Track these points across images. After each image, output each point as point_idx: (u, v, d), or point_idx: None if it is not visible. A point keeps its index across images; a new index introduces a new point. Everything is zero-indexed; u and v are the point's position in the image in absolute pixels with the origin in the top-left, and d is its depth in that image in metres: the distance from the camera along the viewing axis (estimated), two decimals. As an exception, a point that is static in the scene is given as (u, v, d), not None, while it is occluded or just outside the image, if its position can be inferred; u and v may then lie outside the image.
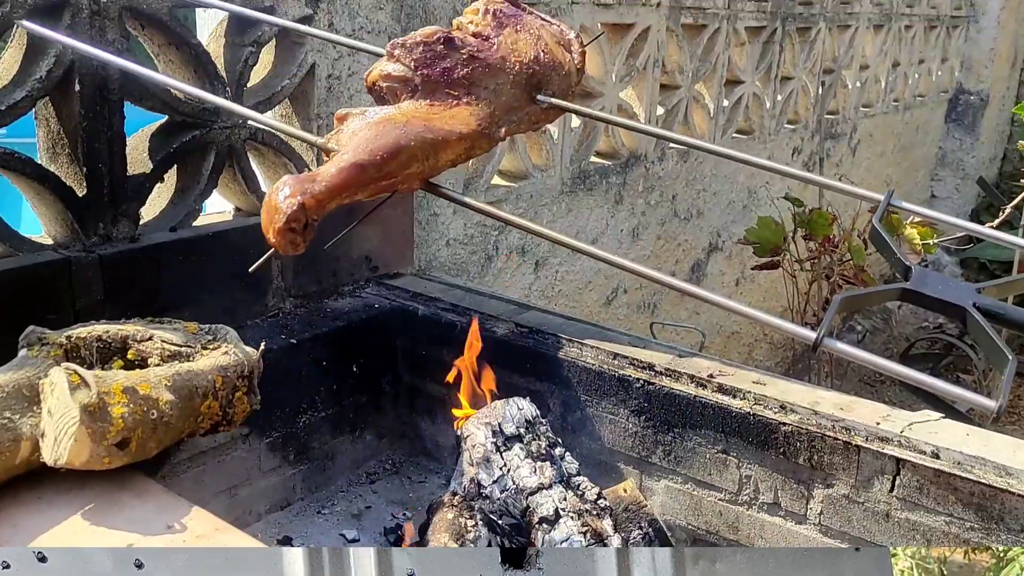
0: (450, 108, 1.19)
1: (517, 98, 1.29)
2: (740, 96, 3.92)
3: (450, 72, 1.18)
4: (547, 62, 1.25)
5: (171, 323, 1.49)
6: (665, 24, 3.29)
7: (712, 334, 4.18)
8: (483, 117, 1.23)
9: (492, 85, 1.23)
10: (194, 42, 1.89)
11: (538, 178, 2.92)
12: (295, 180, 1.04)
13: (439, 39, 1.17)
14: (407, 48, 1.18)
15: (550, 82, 1.28)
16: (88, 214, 1.80)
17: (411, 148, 1.13)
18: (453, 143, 1.18)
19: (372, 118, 1.19)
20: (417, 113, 1.19)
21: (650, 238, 3.56)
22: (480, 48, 1.20)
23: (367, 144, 1.10)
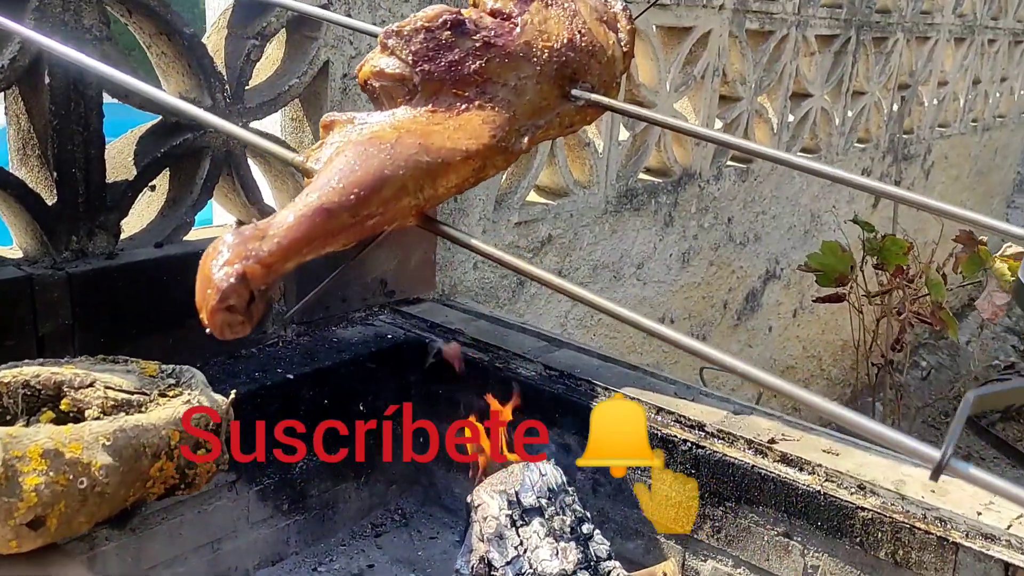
0: (456, 115, 0.93)
1: (545, 95, 0.99)
2: (807, 111, 3.60)
3: (458, 66, 0.91)
4: (585, 46, 0.96)
5: (126, 363, 1.25)
6: (728, 29, 3.00)
7: (765, 368, 3.85)
8: (500, 125, 0.95)
9: (513, 81, 0.95)
10: (187, 32, 1.66)
11: (579, 196, 2.65)
12: (237, 239, 0.78)
13: (445, 23, 0.90)
14: (403, 37, 0.92)
15: (588, 72, 0.98)
16: (58, 226, 1.57)
17: (400, 178, 0.86)
18: (458, 165, 0.91)
19: (357, 134, 0.92)
20: (413, 126, 0.92)
21: (702, 264, 3.27)
22: (498, 32, 0.92)
23: (340, 177, 0.84)
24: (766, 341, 3.81)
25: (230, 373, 1.73)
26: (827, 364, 4.38)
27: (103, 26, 1.55)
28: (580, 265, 2.73)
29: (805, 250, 3.86)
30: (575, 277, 2.72)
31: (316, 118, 1.95)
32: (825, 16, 3.52)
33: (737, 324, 3.59)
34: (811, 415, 4.11)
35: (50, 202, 1.56)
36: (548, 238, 2.58)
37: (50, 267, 1.56)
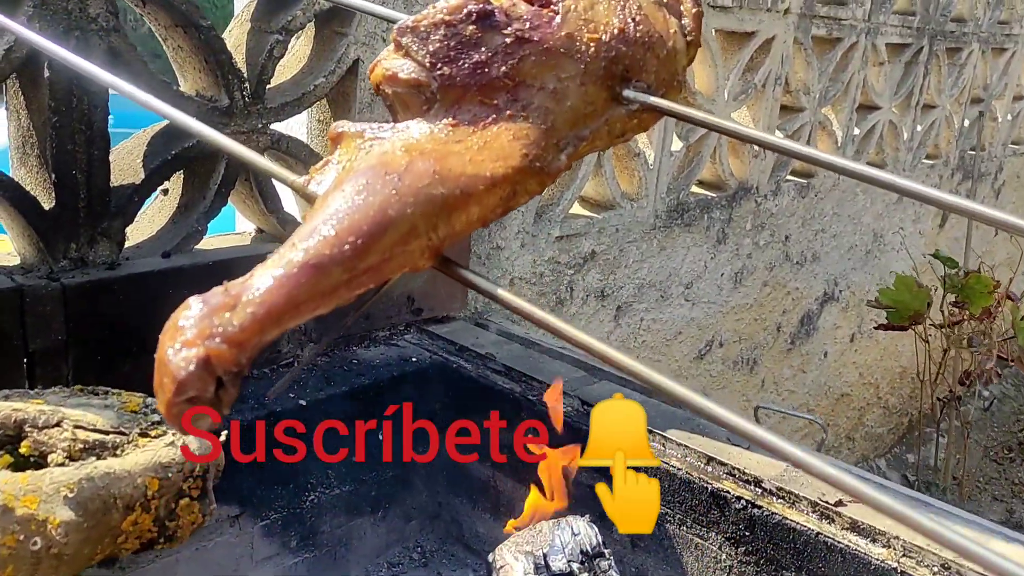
0: (482, 130, 0.76)
1: (591, 99, 0.79)
2: (874, 124, 3.38)
3: (485, 68, 0.74)
4: (640, 37, 0.77)
5: (105, 395, 1.11)
6: (793, 35, 2.80)
7: (819, 395, 3.65)
8: (534, 140, 0.78)
9: (552, 83, 0.77)
10: (204, 24, 1.52)
11: (627, 209, 2.47)
12: (202, 311, 0.62)
13: (469, 15, 0.73)
14: (419, 34, 0.75)
15: (644, 68, 0.78)
16: (56, 232, 1.44)
17: (408, 218, 0.69)
18: (481, 195, 0.74)
19: (363, 157, 0.76)
20: (427, 146, 0.75)
21: (755, 284, 3.07)
22: (535, 23, 0.74)
23: (334, 222, 0.67)
24: (821, 367, 3.59)
25: (239, 397, 1.59)
26: (884, 392, 4.14)
27: (111, 16, 1.41)
28: (625, 283, 2.56)
29: (866, 272, 3.63)
30: (619, 296, 2.55)
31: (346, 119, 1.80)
32: (897, 24, 3.29)
33: (791, 348, 3.38)
34: (882, 470, 3.87)
35: (47, 206, 1.43)
36: (591, 254, 2.41)
37: (44, 277, 1.42)
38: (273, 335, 0.66)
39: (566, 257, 2.34)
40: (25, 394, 1.06)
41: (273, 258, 0.69)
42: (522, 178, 0.77)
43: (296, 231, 0.70)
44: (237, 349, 0.62)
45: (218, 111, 1.58)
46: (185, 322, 0.62)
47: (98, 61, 1.41)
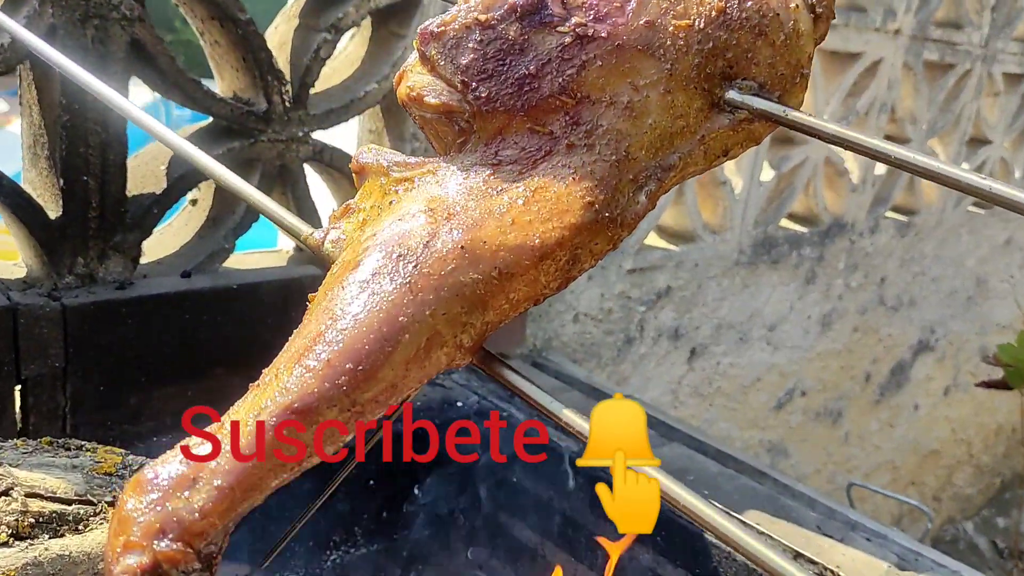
0: (531, 171, 0.56)
1: (680, 111, 0.55)
2: (984, 159, 3.08)
3: (535, 84, 0.54)
4: (748, 17, 0.54)
5: (77, 451, 0.93)
6: (902, 58, 2.53)
7: (906, 451, 3.34)
8: (603, 179, 0.57)
9: (626, 95, 0.55)
10: (242, 18, 1.35)
11: (708, 242, 2.23)
12: (155, 491, 0.45)
13: (512, 9, 0.53)
14: (447, 43, 0.55)
15: (753, 61, 0.54)
16: (61, 245, 1.28)
17: (426, 325, 0.51)
18: (527, 272, 0.54)
19: (374, 228, 0.57)
20: (458, 205, 0.55)
21: (845, 328, 2.79)
22: (602, 9, 0.53)
23: (331, 340, 0.50)
24: (910, 421, 3.28)
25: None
26: (977, 450, 3.80)
27: (135, 3, 1.25)
28: (701, 323, 2.32)
29: (966, 320, 3.32)
30: (694, 337, 2.31)
31: (397, 133, 1.61)
32: (1016, 52, 2.99)
33: (879, 400, 3.08)
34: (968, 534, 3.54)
35: (53, 215, 1.27)
36: (666, 290, 2.18)
37: (46, 294, 1.26)
38: (250, 507, 0.47)
39: (638, 292, 2.12)
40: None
41: (250, 398, 0.49)
42: (586, 237, 0.55)
43: (288, 345, 0.51)
44: (199, 539, 0.43)
45: (254, 116, 1.41)
46: (133, 510, 0.43)
47: (120, 54, 1.25)
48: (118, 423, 1.33)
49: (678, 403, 2.34)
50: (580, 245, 0.56)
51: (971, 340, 3.38)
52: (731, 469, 1.50)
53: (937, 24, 2.63)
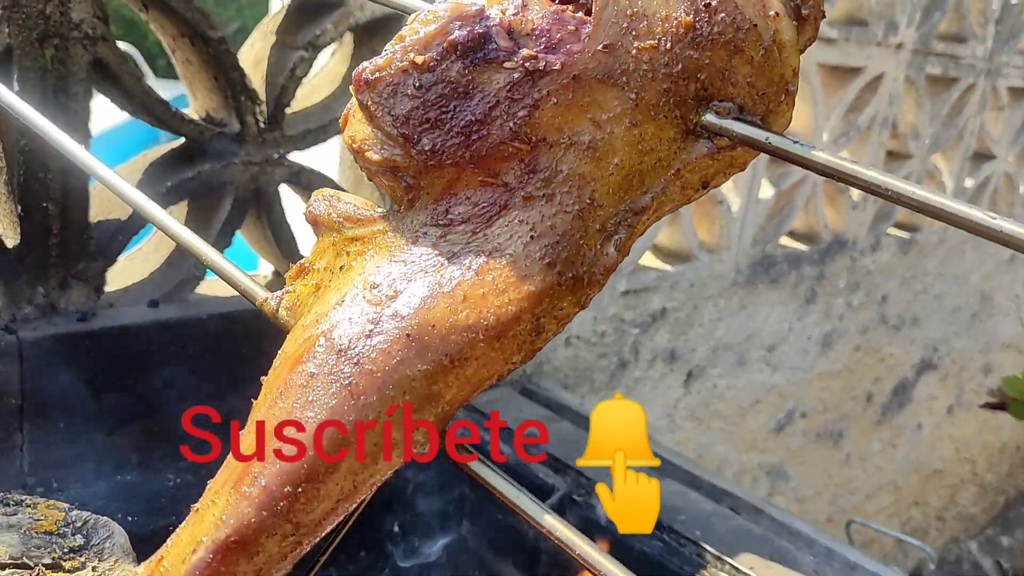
0: (485, 231, 0.49)
1: (651, 146, 0.47)
2: (988, 175, 3.01)
3: (483, 130, 0.47)
4: (720, 32, 0.46)
5: (18, 506, 0.86)
6: (904, 73, 2.46)
7: (909, 471, 3.27)
8: (564, 234, 0.50)
9: (587, 133, 0.47)
10: (213, 36, 1.29)
11: (704, 261, 2.17)
12: None
13: (453, 46, 0.46)
14: (381, 93, 0.48)
15: (729, 80, 0.46)
16: (19, 275, 1.21)
17: (372, 432, 0.46)
18: (483, 353, 0.48)
19: (323, 312, 0.51)
20: (402, 282, 0.50)
21: (845, 348, 2.72)
22: (554, 37, 0.45)
23: (266, 463, 0.45)
24: (913, 440, 3.21)
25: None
26: (981, 469, 3.73)
27: (98, 21, 1.19)
28: (698, 345, 2.25)
29: (970, 338, 3.25)
30: (691, 359, 2.24)
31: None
32: (1021, 65, 2.93)
33: (881, 420, 3.01)
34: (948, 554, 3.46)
35: (11, 243, 1.20)
36: (661, 311, 2.11)
37: (2, 327, 1.20)
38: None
39: (632, 314, 2.05)
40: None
41: (188, 527, 0.44)
42: (549, 304, 0.48)
43: (228, 459, 0.46)
44: None
45: (226, 137, 1.34)
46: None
47: (81, 74, 1.19)
48: (79, 462, 1.26)
49: (674, 427, 2.28)
50: (543, 313, 0.49)
51: (975, 358, 3.32)
52: (726, 506, 1.43)
53: (940, 37, 2.57)
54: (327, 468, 0.43)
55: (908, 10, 2.38)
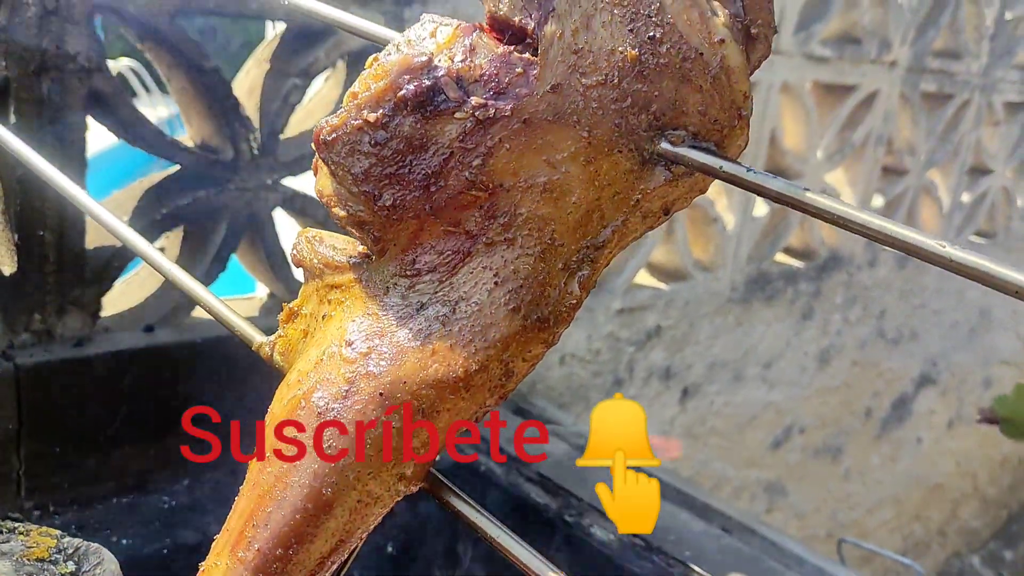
0: (450, 279, 0.50)
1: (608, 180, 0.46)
2: (985, 189, 3.02)
3: (440, 182, 0.47)
4: (665, 64, 0.46)
5: (9, 535, 0.88)
6: (899, 90, 2.48)
7: (909, 486, 3.27)
8: (527, 278, 0.50)
9: (543, 175, 0.47)
10: (206, 66, 1.31)
11: (699, 279, 2.18)
12: None
13: (403, 102, 0.46)
14: (339, 152, 0.48)
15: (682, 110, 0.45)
16: (16, 302, 1.23)
17: (351, 491, 0.49)
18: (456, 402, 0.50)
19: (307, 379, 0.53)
20: (376, 338, 0.51)
21: (843, 364, 2.73)
22: (503, 81, 0.45)
23: (254, 532, 0.48)
24: (914, 454, 3.22)
25: (223, 500, 1.36)
26: (983, 483, 3.72)
27: (94, 54, 1.21)
28: (694, 362, 2.26)
29: (970, 352, 3.25)
30: (686, 376, 2.26)
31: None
32: (1016, 80, 2.94)
33: (880, 435, 3.02)
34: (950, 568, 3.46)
35: (7, 271, 1.22)
36: (656, 329, 2.13)
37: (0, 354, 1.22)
38: None
39: (627, 332, 2.07)
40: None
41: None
42: (516, 348, 0.49)
43: (227, 522, 0.49)
44: None
45: (221, 164, 1.37)
46: None
47: (78, 105, 1.21)
48: (75, 485, 1.28)
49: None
50: (511, 358, 0.50)
51: (974, 372, 3.32)
52: (716, 527, 1.44)
53: (935, 54, 2.58)
54: (314, 529, 0.45)
55: (902, 28, 2.40)
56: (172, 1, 1.26)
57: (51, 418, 1.24)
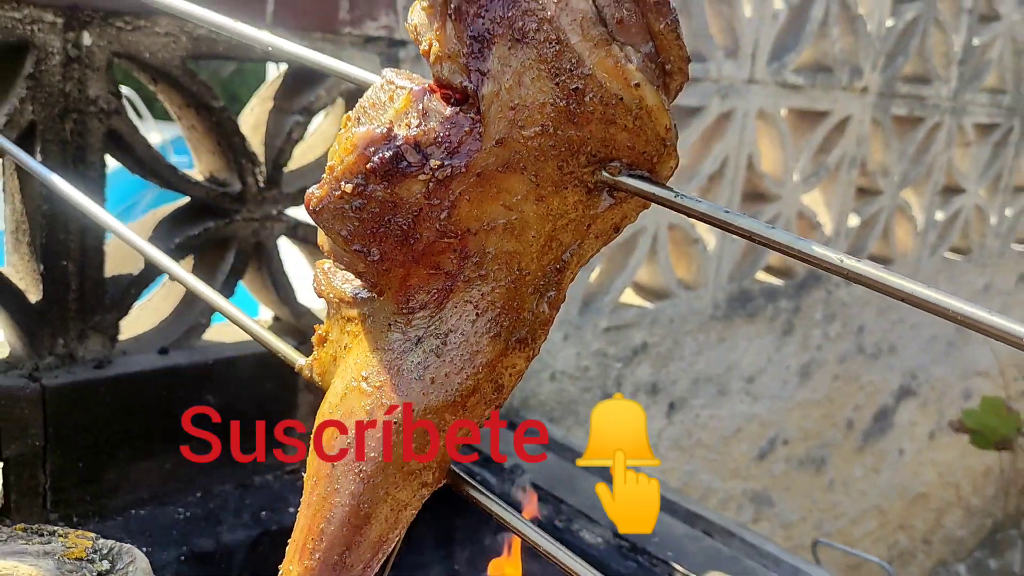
0: (439, 313, 0.60)
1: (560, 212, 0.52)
2: (958, 208, 3.14)
3: (417, 234, 0.55)
4: (588, 111, 0.54)
5: (51, 536, 0.97)
6: (870, 115, 2.60)
7: (892, 496, 3.36)
8: (504, 305, 0.59)
9: (502, 217, 0.55)
10: (216, 106, 1.41)
11: (683, 298, 2.28)
12: None
13: (373, 172, 0.54)
14: (327, 218, 0.57)
15: (612, 147, 0.52)
16: (41, 327, 1.33)
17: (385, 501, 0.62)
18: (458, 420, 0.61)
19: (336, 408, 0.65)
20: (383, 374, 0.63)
21: (825, 378, 2.83)
22: (454, 142, 0.53)
23: (317, 541, 0.66)
24: (896, 466, 3.31)
25: (235, 510, 1.45)
26: (966, 492, 3.81)
27: (112, 97, 1.31)
28: (679, 377, 2.36)
29: (948, 365, 3.36)
30: (672, 391, 2.35)
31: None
32: (985, 103, 3.06)
33: (863, 447, 3.11)
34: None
35: (34, 299, 1.32)
36: (643, 346, 2.23)
37: (27, 375, 1.31)
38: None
39: (614, 349, 2.17)
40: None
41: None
42: (502, 367, 0.59)
43: (295, 531, 0.63)
44: None
45: (229, 196, 1.46)
46: None
47: (98, 145, 1.31)
48: (97, 498, 1.36)
49: (659, 456, 2.37)
50: (498, 376, 0.59)
51: (953, 384, 3.42)
52: (699, 530, 1.53)
53: (905, 80, 2.70)
54: (361, 536, 0.58)
55: (872, 56, 2.52)
56: (184, 47, 1.36)
57: (74, 436, 1.33)
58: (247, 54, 1.44)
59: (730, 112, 2.17)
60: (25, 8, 1.22)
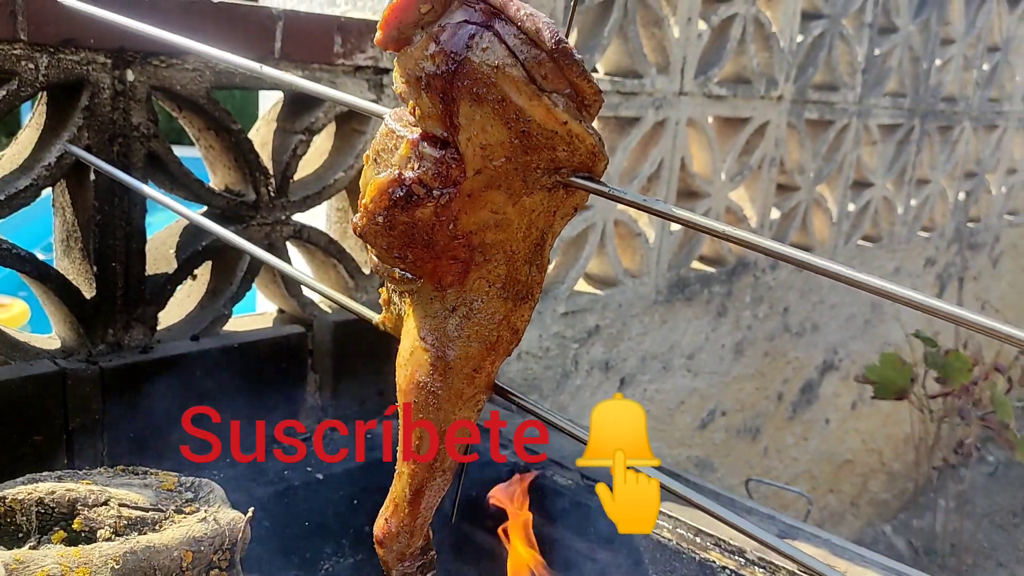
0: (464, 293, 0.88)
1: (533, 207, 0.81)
2: (868, 200, 3.51)
3: (436, 240, 0.79)
4: (534, 142, 0.75)
5: (145, 475, 1.22)
6: (786, 120, 2.94)
7: (821, 462, 3.72)
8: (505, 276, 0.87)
9: (492, 219, 0.76)
10: (235, 128, 1.67)
11: (629, 285, 2.59)
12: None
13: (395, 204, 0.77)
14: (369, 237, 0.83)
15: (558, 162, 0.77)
16: (96, 319, 1.57)
17: (455, 419, 0.93)
18: (489, 363, 0.94)
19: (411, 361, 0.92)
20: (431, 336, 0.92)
21: (756, 354, 3.17)
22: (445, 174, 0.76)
23: (410, 467, 0.99)
24: (823, 434, 3.67)
25: (257, 473, 1.70)
26: (888, 458, 4.20)
27: (151, 123, 1.56)
28: (628, 355, 2.66)
29: (865, 341, 3.73)
30: (623, 368, 2.65)
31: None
32: (888, 106, 3.44)
33: (792, 416, 3.46)
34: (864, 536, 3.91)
35: (88, 295, 1.56)
36: (596, 328, 2.53)
37: (84, 360, 1.55)
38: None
39: (571, 331, 2.46)
40: (75, 475, 1.17)
41: (396, 485, 0.97)
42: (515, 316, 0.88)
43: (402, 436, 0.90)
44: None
45: (245, 205, 1.72)
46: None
47: (139, 164, 1.56)
48: (145, 464, 1.61)
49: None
50: (514, 323, 0.88)
51: (871, 359, 3.79)
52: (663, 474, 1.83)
53: (815, 88, 3.06)
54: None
55: (785, 68, 2.87)
56: (209, 79, 1.62)
57: (125, 410, 1.57)
58: (259, 84, 1.70)
59: (664, 121, 2.49)
60: (82, 52, 1.46)
